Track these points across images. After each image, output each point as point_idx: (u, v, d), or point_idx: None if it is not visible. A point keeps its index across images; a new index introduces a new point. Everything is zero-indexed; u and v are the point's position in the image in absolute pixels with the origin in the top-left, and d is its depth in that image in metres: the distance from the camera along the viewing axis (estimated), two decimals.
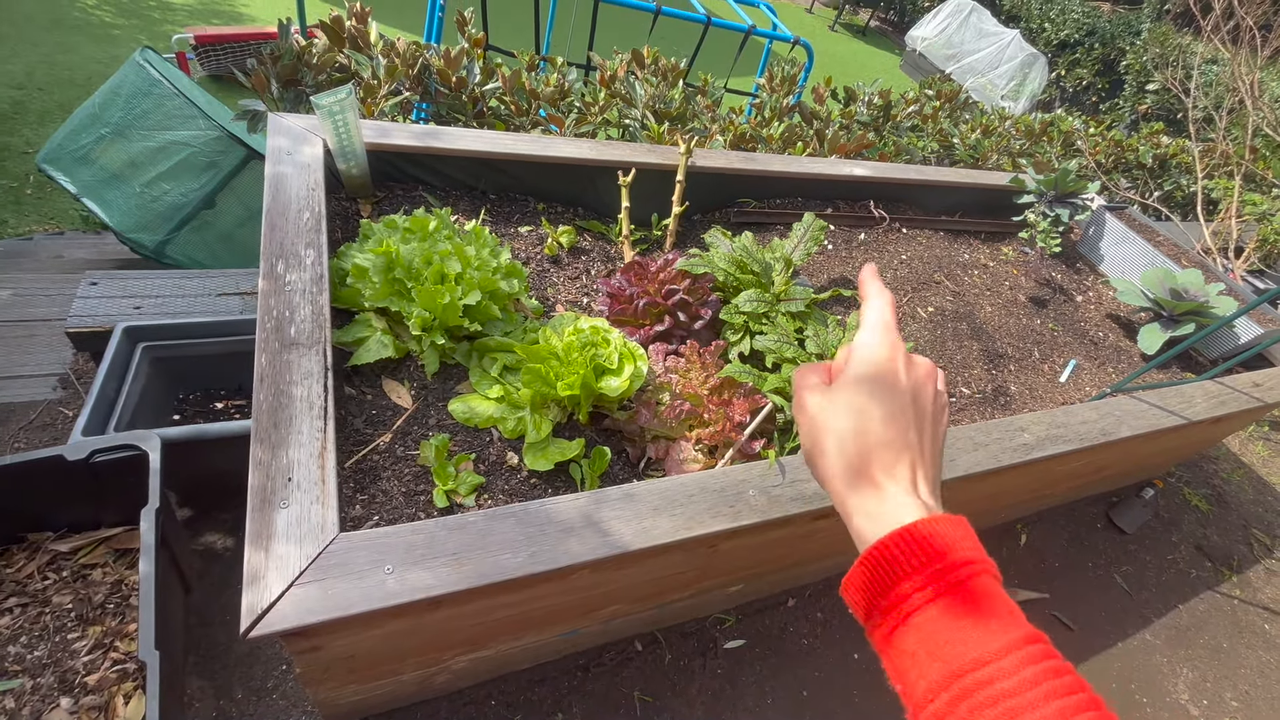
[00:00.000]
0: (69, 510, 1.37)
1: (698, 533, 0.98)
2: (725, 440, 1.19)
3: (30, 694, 1.15)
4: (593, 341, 1.20)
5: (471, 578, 0.83)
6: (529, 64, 2.33)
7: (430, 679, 1.26)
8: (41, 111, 3.87)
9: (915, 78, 10.14)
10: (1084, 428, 1.47)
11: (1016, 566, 2.06)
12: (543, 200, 1.71)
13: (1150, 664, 1.92)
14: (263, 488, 0.84)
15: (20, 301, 2.05)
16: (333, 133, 1.29)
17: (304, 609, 0.75)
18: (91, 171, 2.21)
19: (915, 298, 1.85)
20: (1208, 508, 2.51)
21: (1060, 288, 2.16)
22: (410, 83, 2.01)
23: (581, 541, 0.91)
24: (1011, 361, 1.79)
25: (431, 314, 1.15)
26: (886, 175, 2.10)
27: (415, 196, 1.54)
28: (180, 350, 1.64)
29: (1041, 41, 10.45)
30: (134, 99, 2.17)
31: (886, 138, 2.93)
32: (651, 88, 2.34)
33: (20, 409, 1.76)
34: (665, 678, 1.56)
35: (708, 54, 3.48)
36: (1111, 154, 3.90)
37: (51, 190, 3.41)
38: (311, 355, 0.99)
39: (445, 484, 1.02)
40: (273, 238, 1.14)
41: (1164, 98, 8.27)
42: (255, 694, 1.38)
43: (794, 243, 1.62)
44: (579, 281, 1.55)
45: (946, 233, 2.20)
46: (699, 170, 1.74)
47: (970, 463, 1.28)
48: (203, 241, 2.33)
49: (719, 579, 1.44)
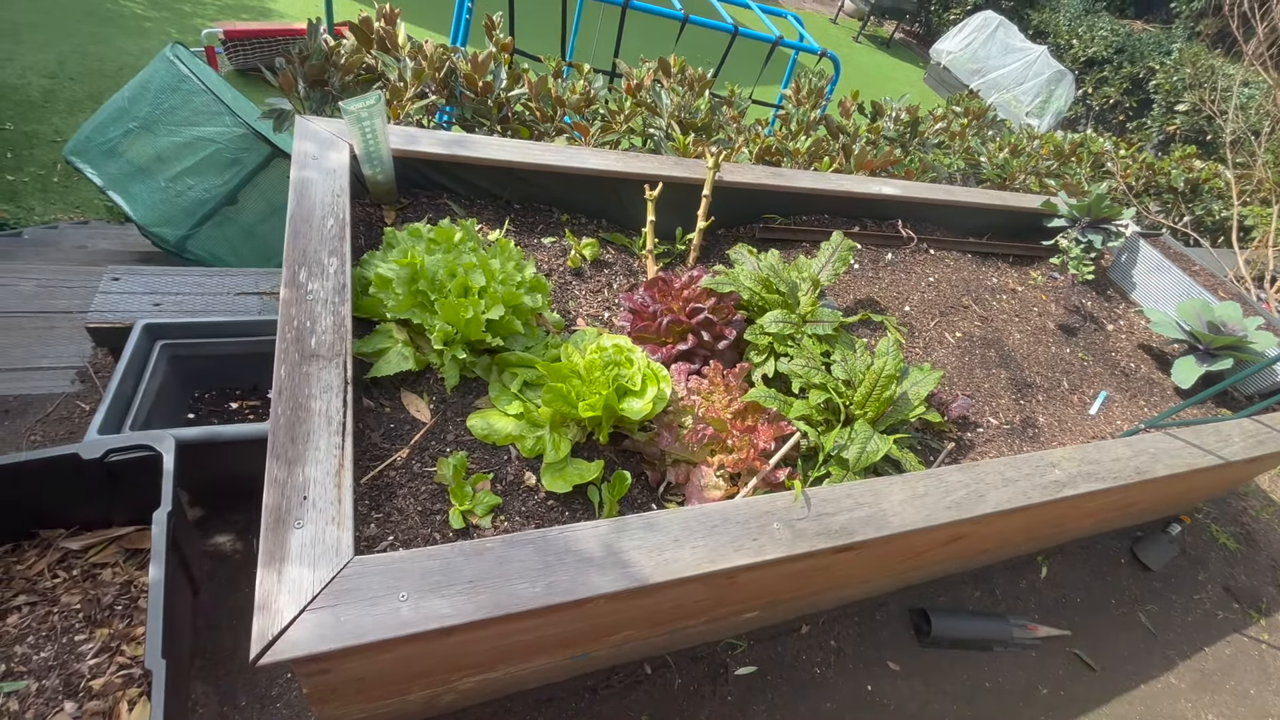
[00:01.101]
0: (81, 508, 1.36)
1: (720, 566, 0.95)
2: (749, 468, 1.16)
3: (35, 696, 1.14)
4: (615, 360, 1.17)
5: (488, 607, 0.81)
6: (555, 70, 2.31)
7: (437, 698, 1.24)
8: (71, 101, 3.91)
9: (940, 92, 10.05)
10: (1117, 465, 1.42)
11: (1037, 600, 2.01)
12: (567, 211, 1.69)
13: (1175, 710, 1.85)
14: (278, 506, 0.81)
15: (43, 293, 2.06)
16: (360, 138, 1.27)
17: (316, 636, 0.73)
18: (118, 165, 2.21)
19: (943, 322, 1.80)
20: (1236, 546, 2.43)
21: (1091, 316, 2.10)
22: (436, 86, 2.00)
23: (601, 573, 0.88)
24: (1040, 391, 1.75)
25: (454, 327, 1.13)
26: (916, 195, 2.06)
27: (440, 204, 1.52)
28: (198, 349, 1.63)
29: (1069, 58, 10.32)
30: (162, 94, 2.18)
31: (913, 154, 2.88)
32: (678, 97, 2.31)
33: (38, 401, 1.76)
34: (674, 702, 1.52)
35: (731, 63, 3.45)
36: (1142, 177, 3.82)
37: (78, 180, 3.44)
38: (332, 368, 0.97)
39: (462, 504, 1.00)
40: (296, 244, 1.12)
41: (1194, 119, 8.13)
42: (259, 701, 1.36)
43: (822, 262, 1.59)
44: (601, 295, 1.53)
45: (974, 255, 2.15)
46: (726, 185, 1.71)
47: (999, 499, 1.24)
48: (224, 237, 2.33)
49: (734, 606, 1.40)
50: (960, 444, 1.52)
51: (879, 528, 1.09)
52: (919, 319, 1.78)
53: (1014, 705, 1.74)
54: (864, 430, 1.22)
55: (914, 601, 1.88)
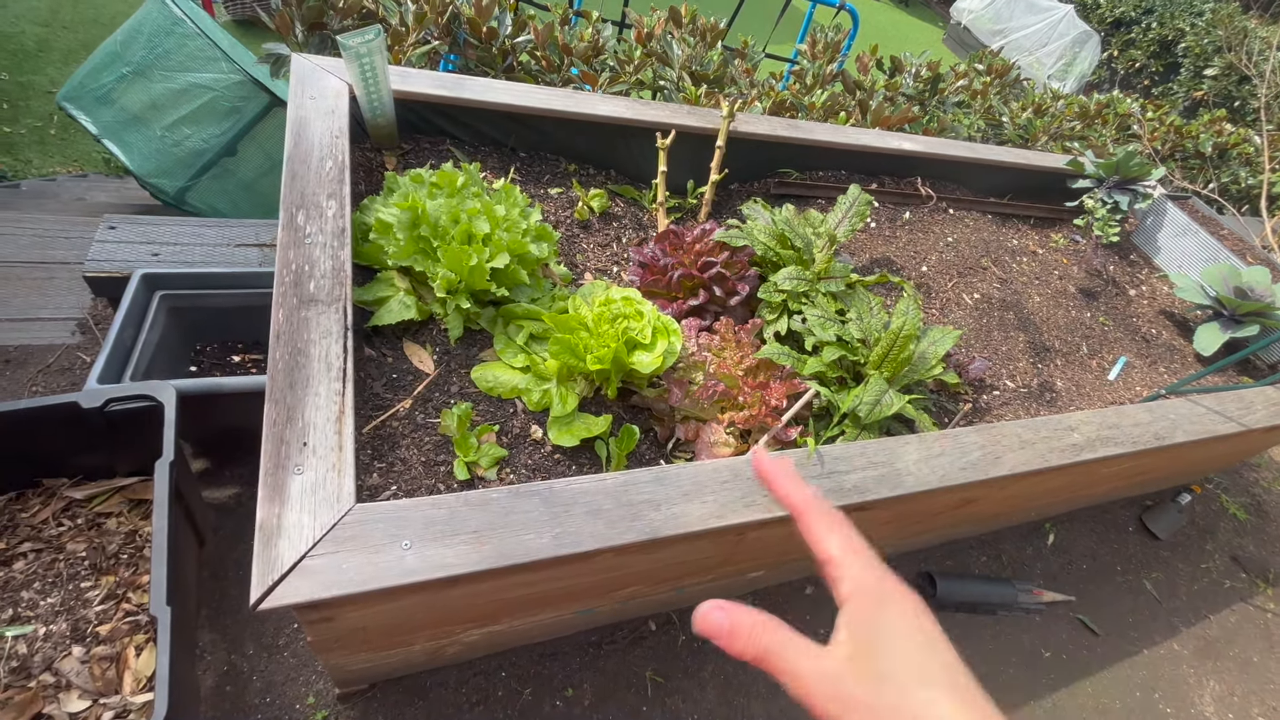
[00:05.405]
0: (84, 457, 1.35)
1: (729, 521, 0.92)
2: (760, 425, 1.13)
3: (43, 640, 1.14)
4: (624, 313, 1.13)
5: (492, 558, 0.79)
6: (562, 18, 2.21)
7: (442, 649, 1.24)
8: (66, 50, 3.81)
9: (959, 53, 9.71)
10: (1136, 430, 1.39)
11: (1043, 566, 2.00)
12: (574, 161, 1.63)
13: (1176, 674, 1.86)
14: (276, 451, 0.79)
15: (41, 243, 2.02)
16: (359, 77, 1.21)
17: (317, 583, 0.71)
18: (112, 112, 2.15)
19: (961, 283, 1.75)
20: (1246, 517, 2.41)
21: (1113, 280, 2.04)
22: (439, 31, 1.91)
23: (608, 525, 0.86)
24: (1059, 355, 1.70)
25: (457, 276, 1.09)
26: (936, 151, 1.98)
27: (442, 150, 1.46)
28: (198, 300, 1.60)
29: (1095, 19, 9.93)
30: (156, 37, 2.10)
31: (932, 112, 2.78)
32: (689, 48, 2.22)
33: (39, 352, 1.74)
34: (678, 659, 1.53)
35: (747, 16, 3.31)
36: (1169, 141, 3.69)
37: (75, 132, 3.37)
38: (331, 313, 0.94)
39: (467, 455, 0.97)
40: (293, 186, 1.07)
41: (1223, 83, 7.84)
42: (266, 650, 1.37)
43: (838, 217, 1.53)
44: (609, 249, 1.48)
45: (995, 215, 2.08)
46: (740, 136, 1.64)
47: (1016, 461, 1.21)
48: (223, 190, 2.28)
49: (741, 565, 1.39)
50: (976, 406, 1.49)
51: (893, 487, 1.06)
52: (936, 279, 1.73)
53: (1016, 668, 1.74)
54: (878, 384, 1.18)
55: (920, 565, 1.87)
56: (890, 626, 0.37)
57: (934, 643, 0.37)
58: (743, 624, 0.38)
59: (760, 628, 0.38)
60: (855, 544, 0.42)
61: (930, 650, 0.36)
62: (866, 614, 0.38)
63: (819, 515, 0.43)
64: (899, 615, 0.38)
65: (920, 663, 0.36)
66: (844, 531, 0.42)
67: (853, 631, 0.38)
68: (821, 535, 0.42)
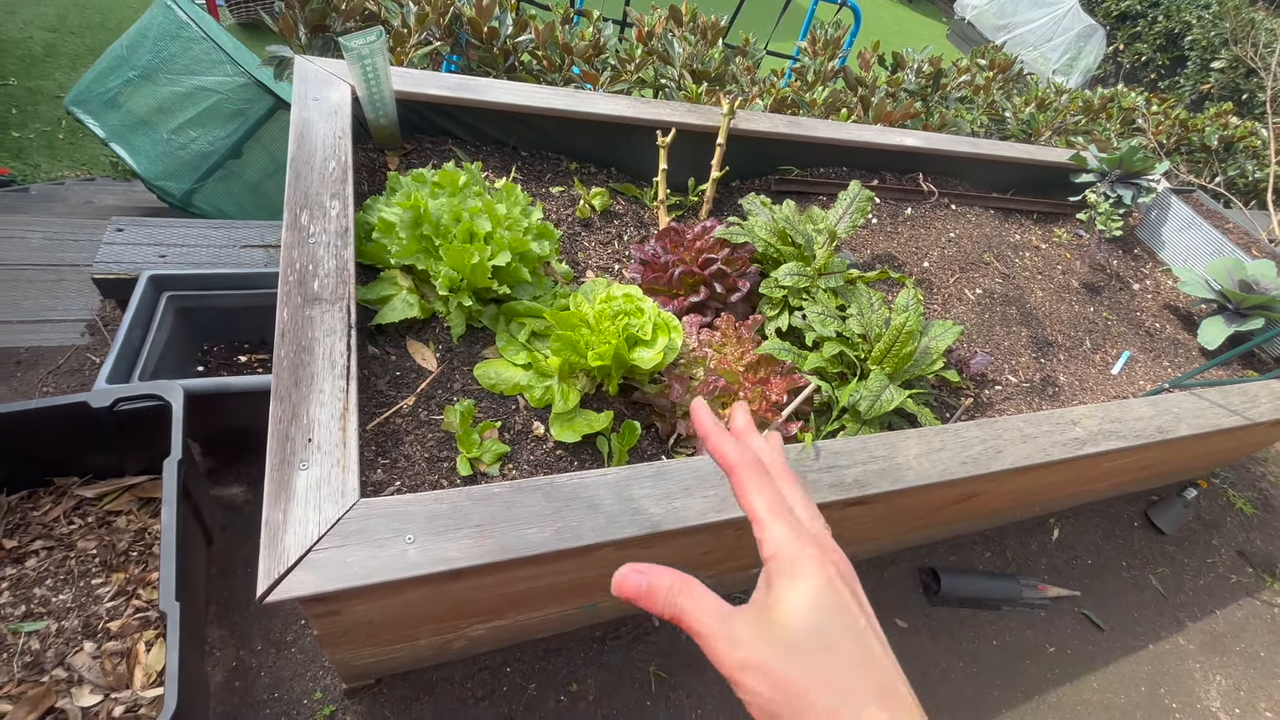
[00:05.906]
0: (93, 457, 1.37)
1: (729, 515, 0.93)
2: (761, 420, 1.13)
3: (55, 636, 1.16)
4: (625, 310, 1.14)
5: (495, 551, 0.80)
6: (563, 17, 2.22)
7: (447, 644, 1.25)
8: (73, 55, 3.85)
9: (962, 49, 9.66)
10: (1139, 424, 1.39)
11: (1048, 561, 2.00)
12: (575, 160, 1.64)
13: (1182, 669, 1.86)
14: (282, 447, 0.80)
15: (50, 245, 2.05)
16: (361, 78, 1.22)
17: (322, 576, 0.72)
18: (119, 116, 2.17)
19: (963, 278, 1.75)
20: (1252, 511, 2.40)
21: (1116, 274, 2.04)
22: (441, 32, 1.93)
23: (610, 519, 0.87)
24: (1062, 350, 1.70)
25: (459, 274, 1.10)
26: (938, 147, 1.98)
27: (444, 150, 1.48)
28: (205, 301, 1.62)
29: (1101, 13, 9.86)
30: (161, 41, 2.12)
31: (934, 108, 2.77)
32: (690, 46, 2.22)
33: (49, 353, 1.76)
34: (682, 654, 1.54)
35: (749, 13, 3.31)
36: (1174, 134, 3.67)
37: (83, 136, 3.40)
38: (335, 311, 0.95)
39: (470, 451, 0.98)
40: (297, 186, 1.09)
41: (1230, 76, 7.78)
42: (274, 646, 1.39)
43: (839, 213, 1.53)
44: (610, 247, 1.49)
45: (997, 211, 2.08)
46: (740, 133, 1.64)
47: (1017, 455, 1.21)
48: (229, 192, 2.30)
49: (742, 560, 1.40)
50: (978, 401, 1.49)
51: (893, 481, 1.07)
52: (938, 275, 1.73)
53: (1021, 663, 1.74)
54: (879, 379, 1.19)
55: (923, 560, 1.87)
56: (797, 595, 0.36)
57: (837, 614, 0.36)
58: (660, 584, 0.38)
59: (675, 589, 0.38)
60: (781, 505, 0.40)
61: (832, 622, 0.36)
62: (778, 580, 0.37)
63: (749, 473, 0.41)
64: (808, 583, 0.37)
65: (821, 633, 0.35)
66: (771, 491, 0.40)
67: (763, 596, 0.37)
68: (750, 494, 0.41)
